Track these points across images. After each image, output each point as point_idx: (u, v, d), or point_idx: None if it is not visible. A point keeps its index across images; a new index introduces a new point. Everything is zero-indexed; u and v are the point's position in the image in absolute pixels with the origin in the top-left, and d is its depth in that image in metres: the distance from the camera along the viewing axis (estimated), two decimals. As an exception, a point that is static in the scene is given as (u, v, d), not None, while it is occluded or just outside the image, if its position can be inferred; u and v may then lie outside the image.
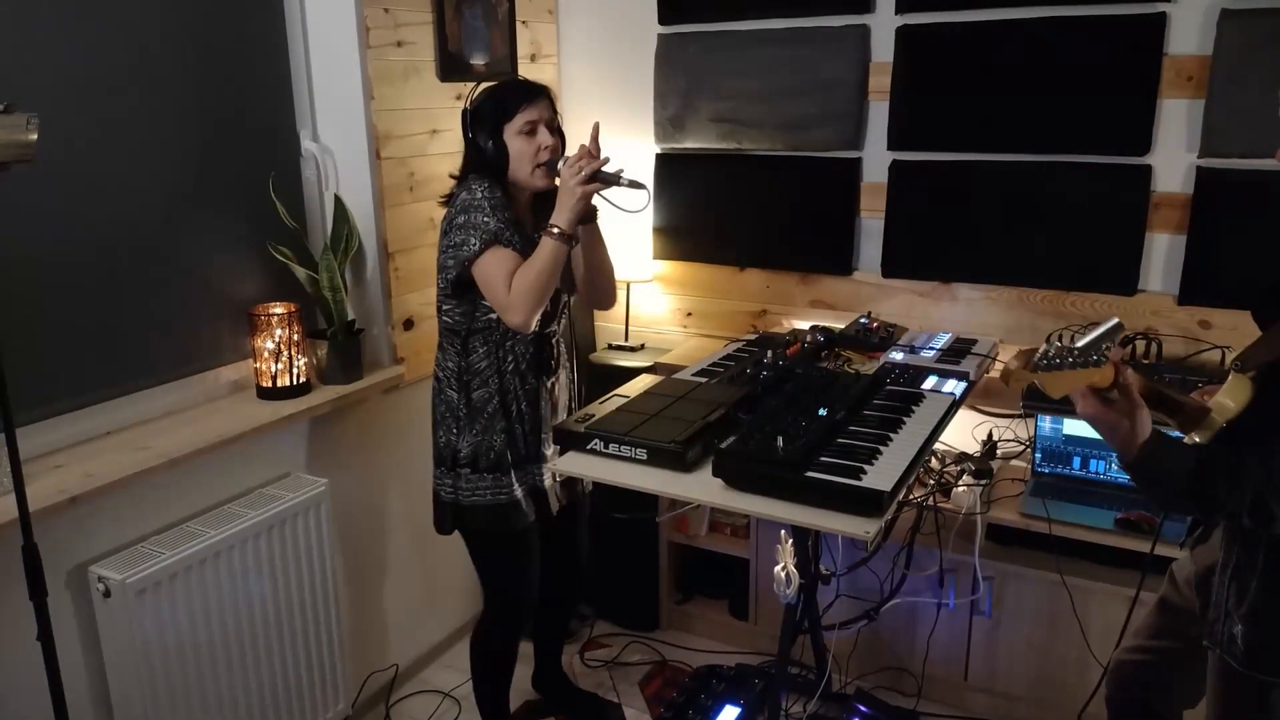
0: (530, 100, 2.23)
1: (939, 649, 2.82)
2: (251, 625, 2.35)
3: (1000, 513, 2.60)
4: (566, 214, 2.14)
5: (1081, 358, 1.48)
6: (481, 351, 2.28)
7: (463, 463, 2.31)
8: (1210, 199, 2.62)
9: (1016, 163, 2.83)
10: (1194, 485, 1.52)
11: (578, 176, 2.12)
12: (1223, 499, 1.51)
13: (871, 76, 2.98)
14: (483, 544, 2.43)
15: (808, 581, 2.28)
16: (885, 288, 3.09)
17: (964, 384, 2.35)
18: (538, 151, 2.22)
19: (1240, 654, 1.63)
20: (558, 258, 2.14)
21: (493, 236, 2.17)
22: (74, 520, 2.06)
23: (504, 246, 2.17)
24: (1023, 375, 1.53)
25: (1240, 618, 1.63)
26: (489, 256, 2.17)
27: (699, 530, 3.20)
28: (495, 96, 2.26)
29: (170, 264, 2.37)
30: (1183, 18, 2.59)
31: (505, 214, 2.21)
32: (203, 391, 2.48)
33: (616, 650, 3.18)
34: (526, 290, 2.13)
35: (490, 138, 2.22)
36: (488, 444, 2.29)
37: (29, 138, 1.55)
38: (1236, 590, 1.64)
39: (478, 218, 2.18)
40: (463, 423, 2.30)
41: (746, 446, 1.89)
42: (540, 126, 2.23)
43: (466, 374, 2.29)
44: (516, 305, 2.14)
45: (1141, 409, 1.53)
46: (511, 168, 2.24)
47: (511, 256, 2.17)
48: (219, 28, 2.42)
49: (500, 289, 2.15)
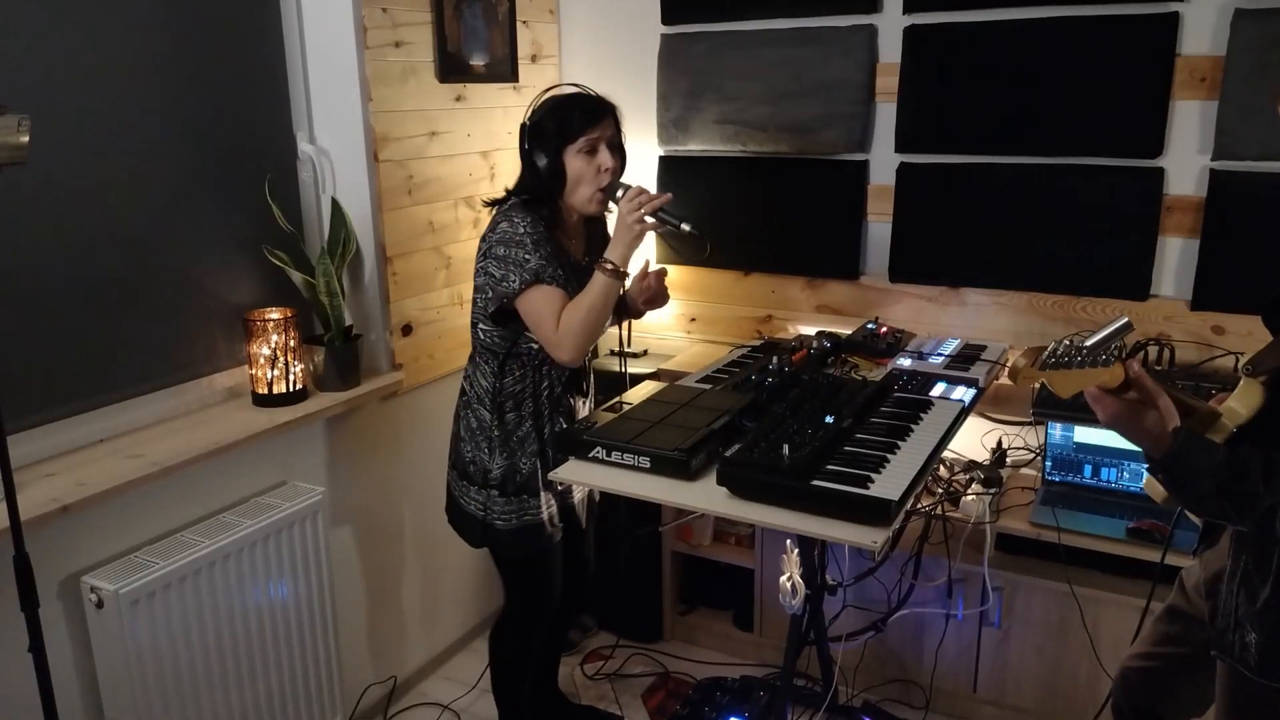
0: (596, 122, 2.16)
1: (947, 661, 2.80)
2: (247, 636, 2.33)
3: (1010, 522, 2.57)
4: (622, 249, 2.11)
5: (1090, 357, 1.46)
6: (517, 374, 2.26)
7: (492, 484, 2.28)
8: (1224, 202, 2.60)
9: (1026, 165, 2.81)
10: (1229, 483, 1.48)
11: (636, 213, 2.08)
12: (1262, 494, 1.46)
13: (878, 77, 2.97)
14: (515, 567, 2.44)
15: (814, 592, 2.27)
16: (893, 292, 3.07)
17: (973, 391, 2.33)
18: (598, 173, 2.17)
19: (1254, 662, 1.60)
20: (610, 294, 2.11)
21: (534, 275, 2.12)
22: (66, 529, 2.04)
23: (547, 284, 2.13)
24: (1031, 373, 1.51)
25: (1253, 625, 1.60)
26: (533, 294, 2.13)
27: (703, 540, 3.18)
28: (559, 114, 2.17)
29: (164, 268, 2.35)
30: (1196, 18, 2.57)
31: (547, 248, 2.15)
32: (197, 398, 2.46)
33: (619, 662, 3.17)
34: (577, 328, 2.10)
35: (549, 157, 2.16)
36: (515, 466, 2.28)
37: (21, 140, 1.54)
38: (1246, 597, 1.61)
39: (518, 254, 2.12)
40: (495, 444, 2.27)
41: (751, 454, 1.87)
42: (602, 145, 2.17)
43: (501, 395, 2.26)
44: (565, 343, 2.12)
45: (1163, 395, 1.51)
46: (567, 189, 2.19)
47: (556, 294, 2.13)
48: (213, 27, 2.40)
49: (548, 326, 2.12)
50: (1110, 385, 1.50)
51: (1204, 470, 1.50)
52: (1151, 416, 1.51)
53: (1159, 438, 1.51)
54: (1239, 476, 1.48)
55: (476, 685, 3.04)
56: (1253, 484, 1.47)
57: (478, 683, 3.05)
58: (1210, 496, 1.51)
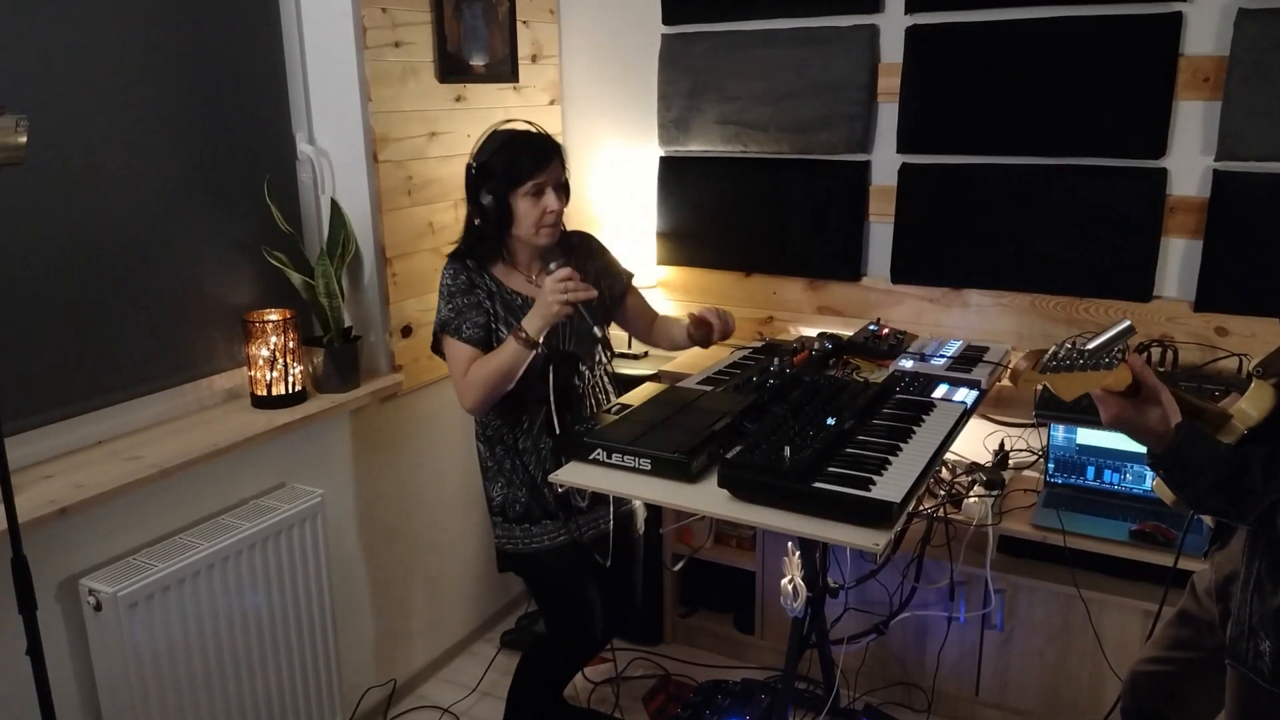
0: (545, 165, 2.18)
1: (950, 664, 2.79)
2: (245, 639, 2.32)
3: (1012, 524, 2.56)
4: (538, 322, 2.12)
5: (1092, 359, 1.46)
6: (495, 410, 2.27)
7: (494, 510, 2.35)
8: (1227, 203, 2.59)
9: (1029, 166, 2.80)
10: (1228, 478, 1.47)
11: (560, 296, 2.09)
12: (1260, 492, 1.46)
13: (880, 77, 2.95)
14: (531, 586, 2.50)
15: (815, 594, 2.25)
16: (894, 294, 3.06)
17: (975, 392, 2.32)
18: (542, 215, 2.20)
19: (1268, 670, 1.58)
20: (518, 360, 2.14)
21: (440, 327, 2.23)
22: (64, 532, 2.03)
23: (452, 336, 2.21)
24: (1032, 376, 1.51)
25: (1267, 633, 1.58)
26: (445, 343, 2.24)
27: (704, 542, 3.16)
28: (507, 157, 2.18)
29: (163, 269, 2.34)
30: (1199, 17, 2.56)
31: (467, 298, 2.21)
32: (196, 400, 2.45)
33: (620, 665, 3.13)
34: (478, 383, 2.18)
35: (496, 198, 2.18)
36: (513, 497, 2.32)
37: (18, 140, 1.54)
38: (1260, 604, 1.59)
39: (440, 304, 2.24)
40: (491, 473, 2.35)
41: (752, 456, 1.86)
42: (548, 189, 2.20)
43: (489, 429, 2.32)
44: (468, 395, 2.20)
45: (1165, 391, 1.50)
46: (514, 227, 2.22)
47: (459, 347, 2.21)
48: (212, 26, 2.39)
49: (456, 374, 2.22)
50: (1115, 388, 1.49)
51: (1204, 465, 1.49)
52: (1155, 414, 1.50)
53: (1162, 434, 1.50)
54: (1239, 472, 1.47)
55: (476, 688, 3.03)
56: (1252, 480, 1.47)
57: (478, 685, 3.04)
58: (1210, 492, 1.50)
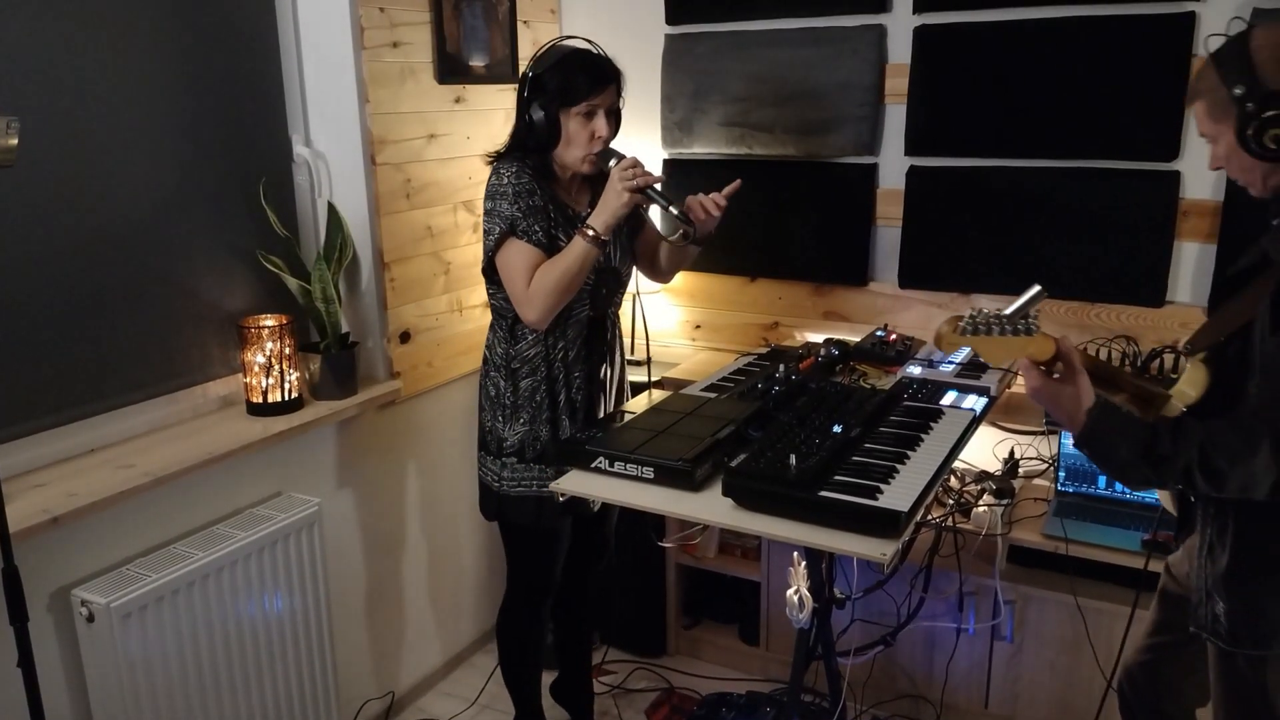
0: (600, 88, 2.16)
1: (958, 675, 2.78)
2: (240, 651, 2.31)
3: (1022, 533, 2.56)
4: (606, 216, 2.09)
5: (1010, 324, 1.56)
6: (531, 338, 2.24)
7: (508, 451, 2.28)
8: (1242, 206, 2.54)
9: (1039, 169, 2.78)
10: (1143, 449, 1.54)
11: (628, 182, 2.06)
12: (1172, 455, 1.53)
13: (888, 79, 2.93)
14: (518, 536, 2.42)
15: (821, 605, 2.24)
16: (902, 299, 3.04)
17: (985, 399, 2.31)
18: (591, 138, 2.17)
19: (1225, 632, 1.65)
20: (586, 260, 2.10)
21: (509, 227, 2.13)
22: (56, 541, 2.02)
23: (519, 238, 2.13)
24: (954, 339, 1.61)
25: (1220, 594, 1.64)
26: (507, 248, 2.14)
27: (708, 552, 3.15)
28: (563, 74, 2.15)
29: (156, 274, 2.32)
30: (1213, 17, 2.53)
31: (532, 199, 2.15)
32: (190, 407, 2.43)
33: (622, 676, 3.13)
34: (547, 289, 2.10)
35: (546, 113, 2.15)
36: (534, 434, 2.27)
37: (9, 142, 1.55)
38: (1211, 567, 1.66)
39: (500, 205, 2.14)
40: (509, 412, 2.28)
41: (757, 465, 1.85)
42: (600, 112, 2.17)
43: (515, 361, 2.26)
44: (534, 303, 2.11)
45: (1083, 375, 1.59)
46: (559, 147, 2.19)
47: (527, 250, 2.13)
48: (207, 27, 2.37)
49: (518, 283, 2.13)
50: (1040, 358, 1.59)
51: (1120, 439, 1.56)
52: (1069, 392, 1.58)
53: (1075, 414, 1.57)
54: (1151, 441, 1.54)
55: (476, 700, 3.00)
56: (1163, 446, 1.54)
57: (477, 698, 3.01)
58: (1131, 464, 1.57)
